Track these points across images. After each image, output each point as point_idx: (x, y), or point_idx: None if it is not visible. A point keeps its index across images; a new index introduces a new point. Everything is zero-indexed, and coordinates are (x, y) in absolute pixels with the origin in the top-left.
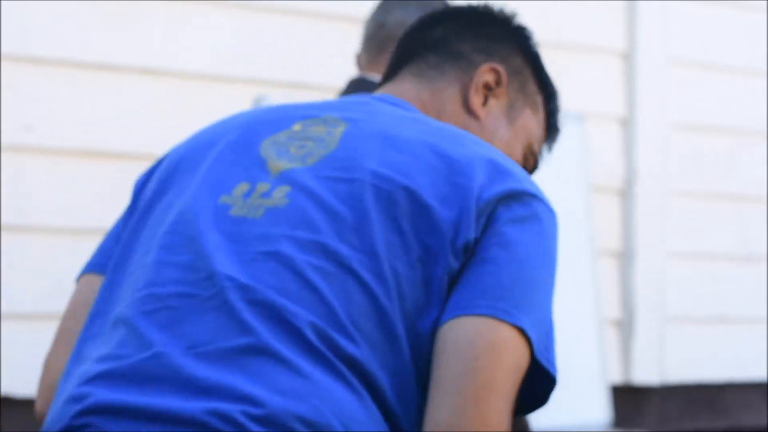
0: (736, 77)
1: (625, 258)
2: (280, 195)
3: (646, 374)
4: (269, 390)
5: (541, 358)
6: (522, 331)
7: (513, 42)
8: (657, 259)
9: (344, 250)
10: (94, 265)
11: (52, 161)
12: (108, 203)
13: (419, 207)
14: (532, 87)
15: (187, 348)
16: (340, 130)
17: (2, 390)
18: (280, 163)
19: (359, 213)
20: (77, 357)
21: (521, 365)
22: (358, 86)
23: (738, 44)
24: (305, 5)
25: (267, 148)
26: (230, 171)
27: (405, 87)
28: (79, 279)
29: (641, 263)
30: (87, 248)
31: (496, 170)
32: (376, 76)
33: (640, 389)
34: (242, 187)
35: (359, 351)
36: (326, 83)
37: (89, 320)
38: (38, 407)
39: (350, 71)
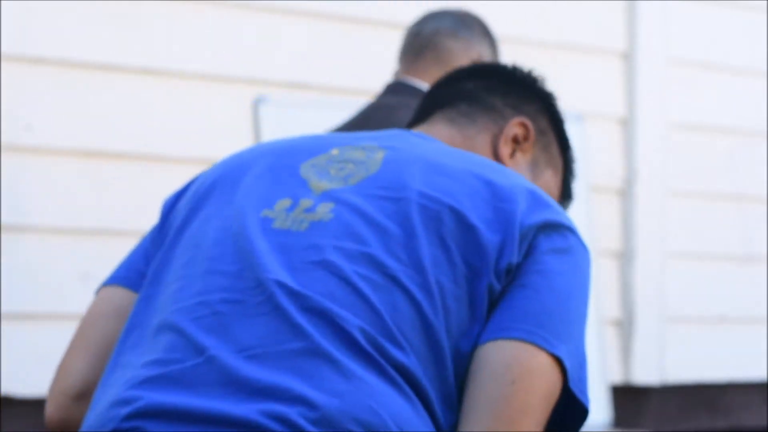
0: (736, 77)
1: (625, 258)
2: (325, 210)
3: (646, 374)
4: (324, 392)
5: (575, 389)
6: (558, 360)
7: (539, 103)
8: (657, 259)
9: (391, 262)
10: (119, 278)
11: (52, 161)
12: (108, 203)
13: (465, 227)
14: (555, 149)
15: (238, 351)
16: (380, 155)
17: (2, 390)
18: (321, 184)
19: (406, 229)
20: (116, 366)
21: (554, 393)
22: (395, 89)
23: (738, 44)
24: (305, 5)
25: (307, 170)
26: (270, 189)
27: (437, 129)
28: (99, 290)
29: (641, 263)
30: (87, 248)
31: (536, 200)
32: (414, 80)
33: (640, 389)
34: (284, 203)
35: (408, 359)
36: (326, 83)
37: (126, 332)
38: (49, 411)
39: (349, 71)
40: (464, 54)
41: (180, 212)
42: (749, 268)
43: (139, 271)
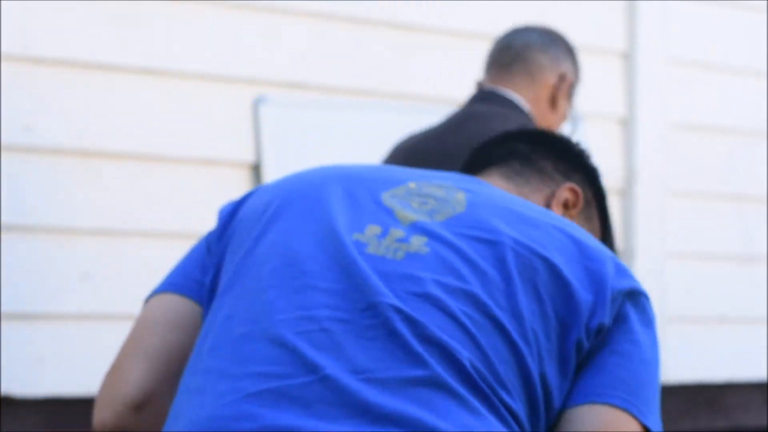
0: (736, 77)
1: (625, 258)
2: (419, 243)
3: None
4: (454, 425)
5: None
6: (647, 431)
7: (585, 175)
8: (657, 259)
9: (492, 305)
10: (175, 285)
11: (52, 161)
12: (108, 203)
13: (558, 280)
14: (596, 223)
15: (352, 372)
16: (461, 195)
17: (2, 390)
18: (407, 214)
19: (503, 274)
20: (200, 372)
21: None
22: (487, 97)
23: (738, 44)
24: (305, 5)
25: (389, 200)
26: (356, 213)
27: (494, 182)
28: (150, 298)
29: (641, 263)
30: (87, 248)
31: (619, 265)
32: (504, 90)
33: None
34: (374, 229)
35: (516, 405)
36: (326, 83)
37: (204, 337)
38: (104, 417)
39: (349, 71)
40: (551, 68)
41: (247, 222)
42: (749, 268)
43: (196, 280)
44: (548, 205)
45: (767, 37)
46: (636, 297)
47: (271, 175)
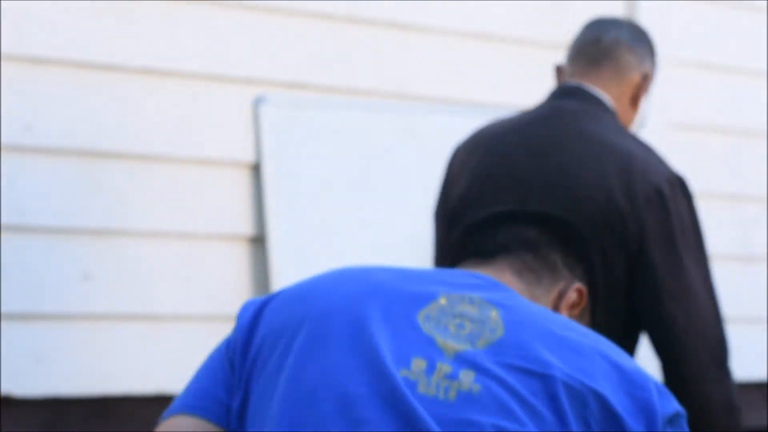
0: (736, 77)
1: None
2: (469, 380)
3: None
4: None
5: None
6: None
7: (586, 267)
8: None
9: None
10: (193, 407)
11: (52, 161)
12: (108, 203)
13: (609, 414)
14: (588, 317)
15: None
16: (494, 313)
17: (2, 390)
18: (449, 343)
19: (557, 413)
20: None
21: None
22: (575, 93)
23: (738, 44)
24: (305, 5)
25: (426, 324)
26: (398, 344)
27: (507, 279)
28: (168, 417)
29: None
30: (87, 248)
31: (659, 388)
32: (592, 88)
33: None
34: (419, 363)
35: None
36: (326, 83)
37: None
38: None
39: (349, 71)
40: (637, 67)
41: (277, 340)
42: (749, 268)
43: (220, 402)
44: (556, 307)
45: (767, 37)
46: (677, 420)
47: (271, 175)
